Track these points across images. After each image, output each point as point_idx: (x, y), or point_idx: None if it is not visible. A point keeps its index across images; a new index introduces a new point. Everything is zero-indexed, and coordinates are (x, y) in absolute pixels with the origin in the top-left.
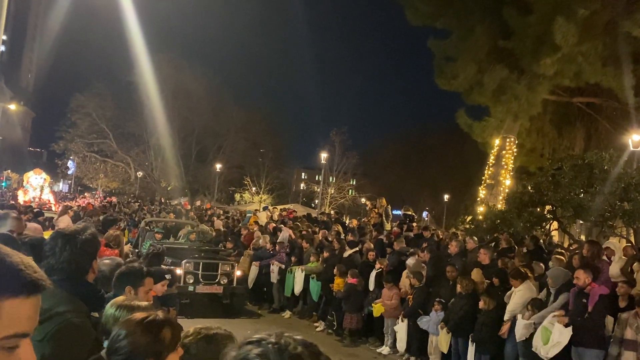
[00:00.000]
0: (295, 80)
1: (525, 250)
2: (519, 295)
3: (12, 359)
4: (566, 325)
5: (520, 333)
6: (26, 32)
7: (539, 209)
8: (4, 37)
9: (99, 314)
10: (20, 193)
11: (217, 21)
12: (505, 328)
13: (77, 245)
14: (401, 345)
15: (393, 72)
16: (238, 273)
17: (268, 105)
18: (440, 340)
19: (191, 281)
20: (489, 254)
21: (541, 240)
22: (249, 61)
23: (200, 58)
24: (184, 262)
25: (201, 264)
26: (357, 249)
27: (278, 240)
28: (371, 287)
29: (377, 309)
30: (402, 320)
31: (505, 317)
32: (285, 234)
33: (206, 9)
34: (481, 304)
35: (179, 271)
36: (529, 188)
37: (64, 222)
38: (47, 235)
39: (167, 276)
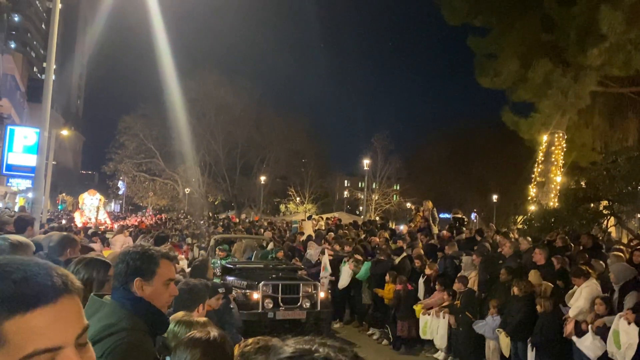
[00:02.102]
0: (334, 88)
1: (581, 248)
2: (586, 291)
3: None
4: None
5: (590, 349)
6: (74, 59)
7: (592, 205)
8: (54, 67)
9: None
10: (77, 215)
11: (253, 35)
12: (569, 327)
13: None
14: (442, 342)
15: (433, 73)
16: (321, 295)
17: (308, 115)
18: (502, 344)
19: (270, 306)
20: (545, 253)
21: (599, 237)
22: (288, 72)
23: (240, 73)
24: (261, 284)
25: (280, 285)
26: (404, 254)
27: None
28: (420, 293)
29: (419, 310)
30: (444, 317)
31: (572, 314)
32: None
33: (243, 26)
34: (538, 308)
35: (255, 295)
36: (583, 184)
37: (120, 241)
38: (105, 254)
39: (221, 289)
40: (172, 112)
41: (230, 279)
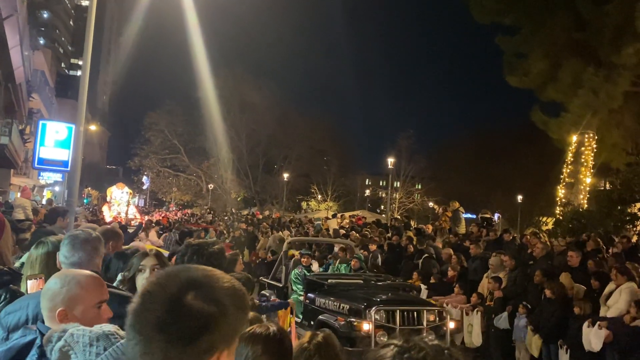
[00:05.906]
0: (357, 87)
1: (616, 250)
2: (626, 293)
3: None
4: None
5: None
6: (100, 56)
7: (620, 207)
8: (80, 63)
9: None
10: (105, 209)
11: (278, 34)
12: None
13: (205, 257)
14: (477, 340)
15: (459, 71)
16: (451, 325)
17: (331, 113)
18: (530, 344)
19: (384, 339)
20: (580, 256)
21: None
22: (312, 70)
23: (264, 71)
24: (372, 310)
25: (398, 313)
26: (426, 255)
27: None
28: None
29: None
30: (476, 313)
31: (609, 315)
32: None
33: (267, 25)
34: (577, 310)
35: (366, 325)
36: (617, 185)
37: (153, 236)
38: (147, 248)
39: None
40: (196, 109)
41: (318, 298)
